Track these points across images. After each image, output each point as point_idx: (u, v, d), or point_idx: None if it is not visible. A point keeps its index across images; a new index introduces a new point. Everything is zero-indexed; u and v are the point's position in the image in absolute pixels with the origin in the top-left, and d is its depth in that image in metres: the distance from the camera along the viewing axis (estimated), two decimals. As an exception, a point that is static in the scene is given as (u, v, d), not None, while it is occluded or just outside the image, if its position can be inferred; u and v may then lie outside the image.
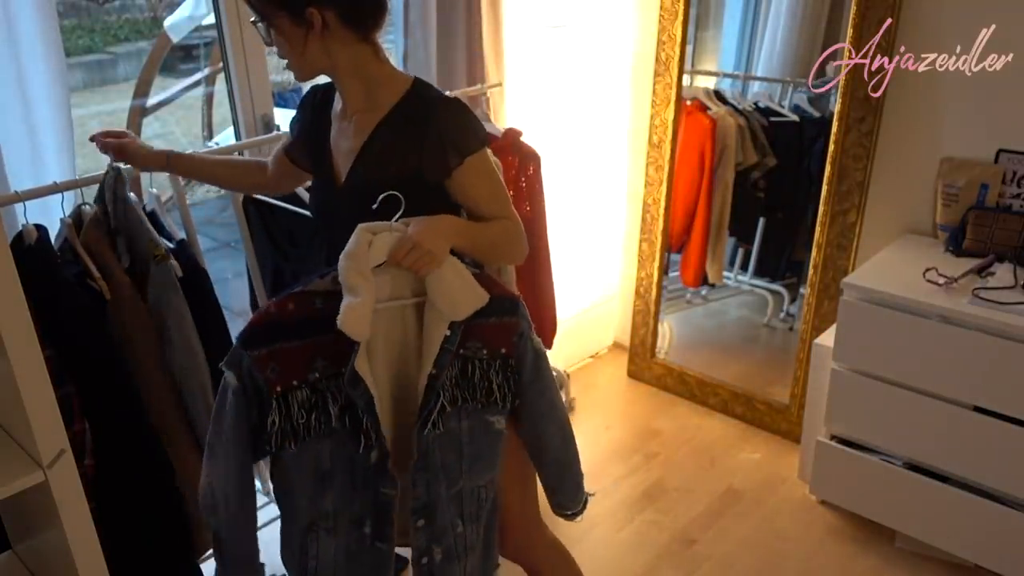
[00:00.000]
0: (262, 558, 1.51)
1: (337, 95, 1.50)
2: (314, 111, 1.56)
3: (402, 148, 1.39)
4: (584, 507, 1.59)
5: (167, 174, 1.88)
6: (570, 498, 1.57)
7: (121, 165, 1.70)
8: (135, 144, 1.69)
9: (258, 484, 2.20)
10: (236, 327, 1.90)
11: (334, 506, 1.38)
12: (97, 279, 1.62)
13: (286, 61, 1.41)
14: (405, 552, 2.27)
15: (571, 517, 1.60)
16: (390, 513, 1.36)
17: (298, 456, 1.33)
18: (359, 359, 1.26)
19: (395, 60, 1.97)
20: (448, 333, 1.30)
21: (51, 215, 1.70)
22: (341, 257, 1.26)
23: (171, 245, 1.77)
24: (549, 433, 1.49)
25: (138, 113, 3.30)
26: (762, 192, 2.85)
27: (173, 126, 4.64)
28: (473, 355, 1.35)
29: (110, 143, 1.68)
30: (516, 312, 1.38)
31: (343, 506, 1.38)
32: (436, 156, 1.37)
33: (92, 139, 1.69)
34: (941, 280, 2.04)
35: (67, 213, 1.69)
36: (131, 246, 1.68)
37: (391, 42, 2.55)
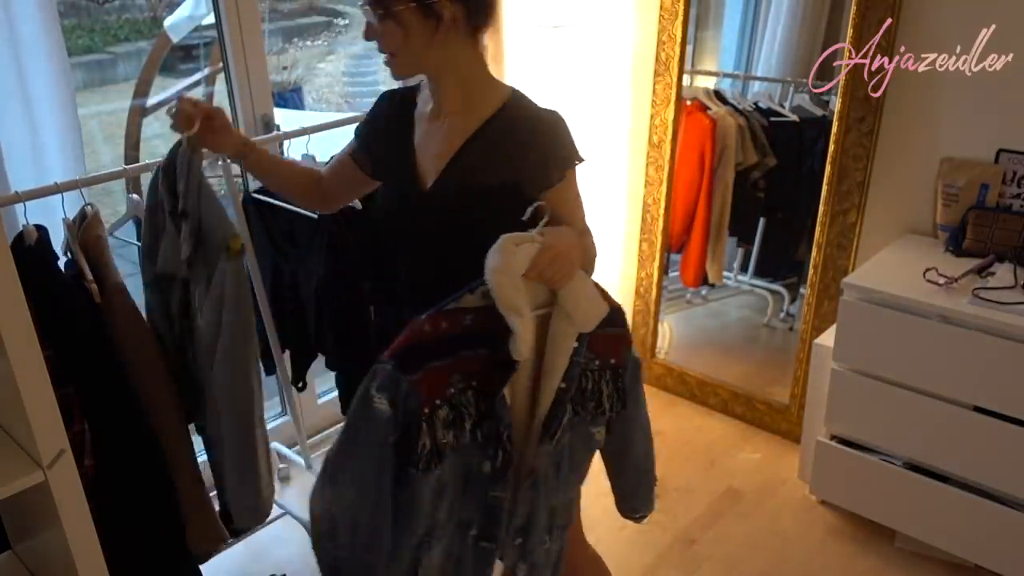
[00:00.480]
0: (262, 558, 1.51)
1: (420, 96, 1.47)
2: (393, 114, 1.51)
3: (500, 159, 1.37)
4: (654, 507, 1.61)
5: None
6: (644, 502, 1.58)
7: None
8: (225, 119, 1.55)
9: (258, 484, 2.20)
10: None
11: (447, 515, 1.33)
12: (89, 282, 1.61)
13: (387, 55, 1.35)
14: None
15: (640, 519, 1.60)
16: (499, 515, 1.33)
17: (426, 474, 1.27)
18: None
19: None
20: (576, 345, 1.28)
21: (53, 215, 1.69)
22: (493, 272, 1.21)
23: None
24: (636, 440, 1.47)
25: (138, 113, 3.30)
26: (762, 192, 2.85)
27: (173, 126, 4.63)
28: (587, 366, 1.33)
29: (198, 111, 1.51)
30: (623, 322, 1.37)
31: (453, 514, 1.34)
32: (540, 170, 1.37)
33: (171, 110, 1.52)
34: (941, 280, 2.04)
35: (67, 214, 1.69)
36: (200, 233, 1.49)
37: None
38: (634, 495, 1.56)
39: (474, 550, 1.36)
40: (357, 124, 1.57)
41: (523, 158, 1.36)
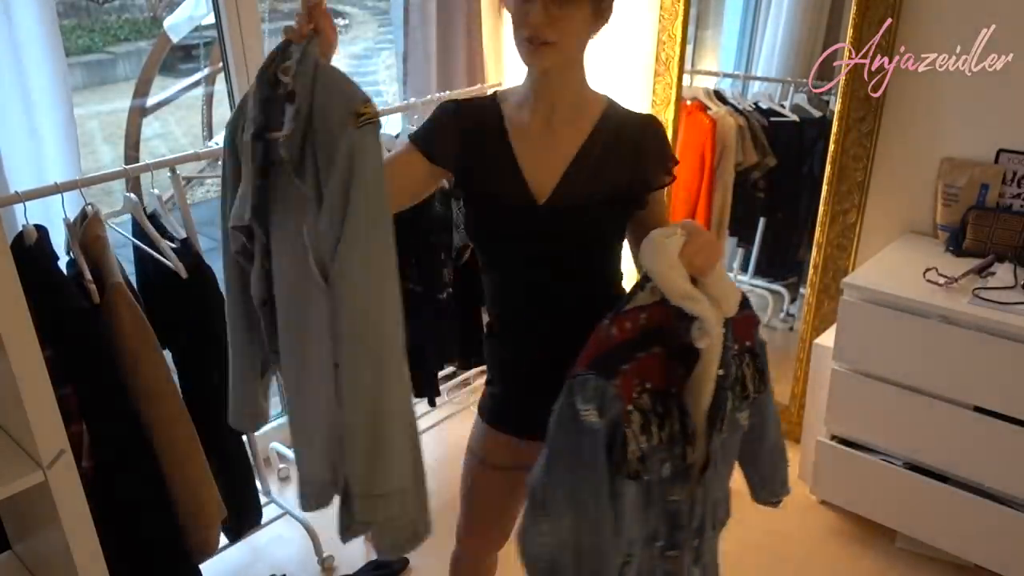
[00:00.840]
0: (262, 558, 1.51)
1: (507, 106, 1.40)
2: (478, 126, 1.41)
3: (615, 163, 1.36)
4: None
5: (168, 176, 1.88)
6: (782, 483, 1.56)
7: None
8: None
9: (258, 485, 2.20)
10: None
11: (639, 529, 1.29)
12: (88, 282, 1.61)
13: (539, 42, 1.27)
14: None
15: (777, 504, 1.59)
16: (681, 519, 1.31)
17: (634, 483, 1.23)
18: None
19: (395, 60, 1.96)
20: (724, 330, 1.26)
21: (48, 215, 1.69)
22: (658, 267, 1.20)
23: (174, 245, 1.77)
24: (770, 420, 1.45)
25: (138, 113, 3.30)
26: (762, 192, 2.85)
27: (173, 126, 4.64)
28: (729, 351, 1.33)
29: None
30: (750, 304, 1.37)
31: (641, 527, 1.30)
32: (652, 173, 1.38)
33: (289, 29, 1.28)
34: (941, 280, 2.04)
35: (67, 214, 1.69)
36: (313, 110, 1.21)
37: (390, 42, 2.55)
38: (773, 479, 1.54)
39: (663, 561, 1.34)
40: (416, 133, 1.43)
41: (636, 162, 1.36)
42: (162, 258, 1.73)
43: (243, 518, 1.98)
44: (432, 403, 2.48)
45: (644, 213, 1.39)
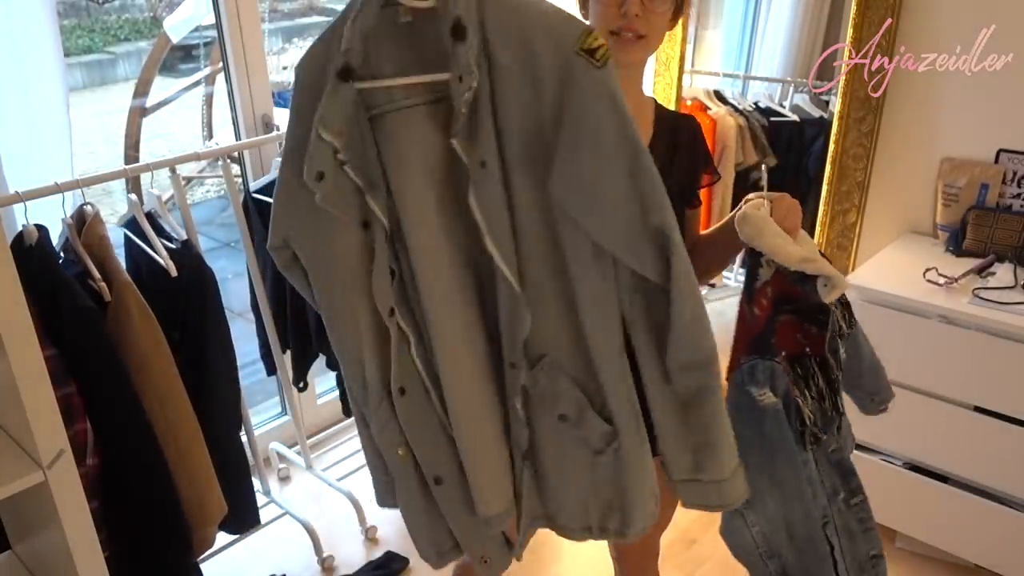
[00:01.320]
0: (262, 558, 1.51)
1: None
2: None
3: (676, 161, 1.37)
4: None
5: (167, 175, 1.88)
6: (887, 388, 1.58)
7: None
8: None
9: (258, 485, 2.20)
10: (236, 327, 1.91)
11: (821, 492, 1.33)
12: (97, 280, 1.62)
13: (631, 35, 1.25)
14: (401, 551, 2.28)
15: (885, 409, 1.61)
16: (849, 465, 1.36)
17: (815, 449, 1.29)
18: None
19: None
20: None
21: (42, 215, 1.69)
22: (771, 242, 1.22)
23: (173, 245, 1.77)
24: (862, 344, 1.47)
25: (138, 113, 3.31)
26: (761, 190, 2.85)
27: (173, 126, 4.64)
28: None
29: None
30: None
31: (822, 487, 1.34)
32: (702, 169, 1.40)
33: None
34: (941, 280, 2.04)
35: (67, 214, 1.69)
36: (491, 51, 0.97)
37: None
38: (878, 387, 1.56)
39: (851, 511, 1.36)
40: None
41: (690, 160, 1.38)
42: (156, 256, 1.72)
43: (241, 517, 1.97)
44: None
45: (692, 212, 1.41)
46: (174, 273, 1.70)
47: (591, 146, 0.97)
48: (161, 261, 1.70)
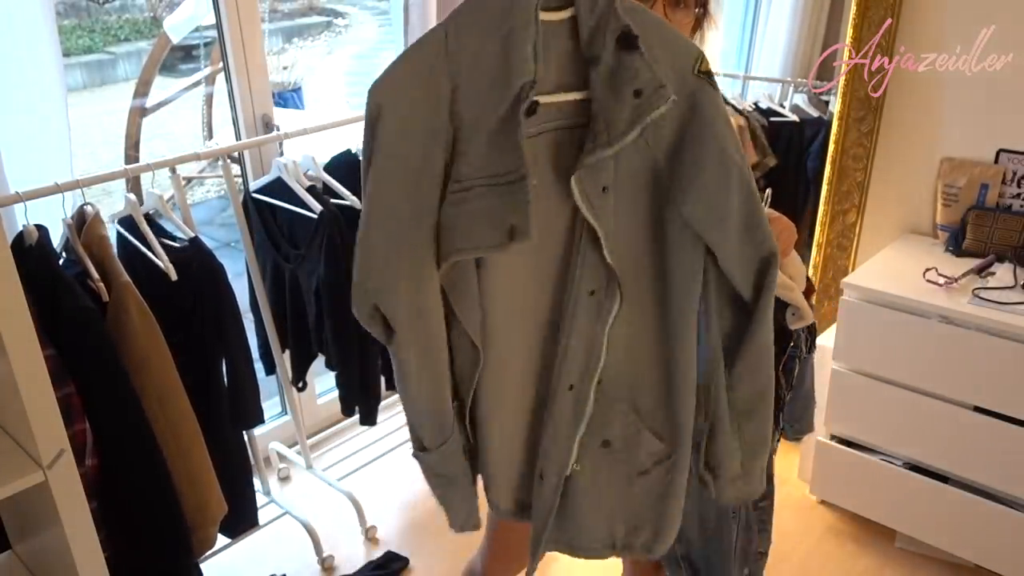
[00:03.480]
0: (262, 558, 1.51)
1: None
2: None
3: None
4: None
5: (168, 175, 1.88)
6: (810, 424, 1.63)
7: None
8: None
9: (258, 485, 2.20)
10: (236, 327, 1.91)
11: None
12: (96, 280, 1.61)
13: None
14: (398, 550, 2.28)
15: (799, 440, 1.68)
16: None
17: None
18: None
19: (394, 57, 1.95)
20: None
21: (40, 215, 1.69)
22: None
23: (175, 244, 1.77)
24: (807, 371, 1.53)
25: (138, 113, 3.31)
26: (762, 192, 2.85)
27: (173, 126, 4.64)
28: None
29: None
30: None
31: None
32: None
33: None
34: (941, 280, 2.04)
35: (67, 214, 1.69)
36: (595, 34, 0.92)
37: (391, 42, 2.55)
38: (802, 419, 1.61)
39: (758, 514, 1.50)
40: None
41: None
42: (155, 258, 1.72)
43: (240, 517, 1.97)
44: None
45: None
46: (174, 277, 1.69)
47: (718, 162, 0.96)
48: (160, 264, 1.70)
